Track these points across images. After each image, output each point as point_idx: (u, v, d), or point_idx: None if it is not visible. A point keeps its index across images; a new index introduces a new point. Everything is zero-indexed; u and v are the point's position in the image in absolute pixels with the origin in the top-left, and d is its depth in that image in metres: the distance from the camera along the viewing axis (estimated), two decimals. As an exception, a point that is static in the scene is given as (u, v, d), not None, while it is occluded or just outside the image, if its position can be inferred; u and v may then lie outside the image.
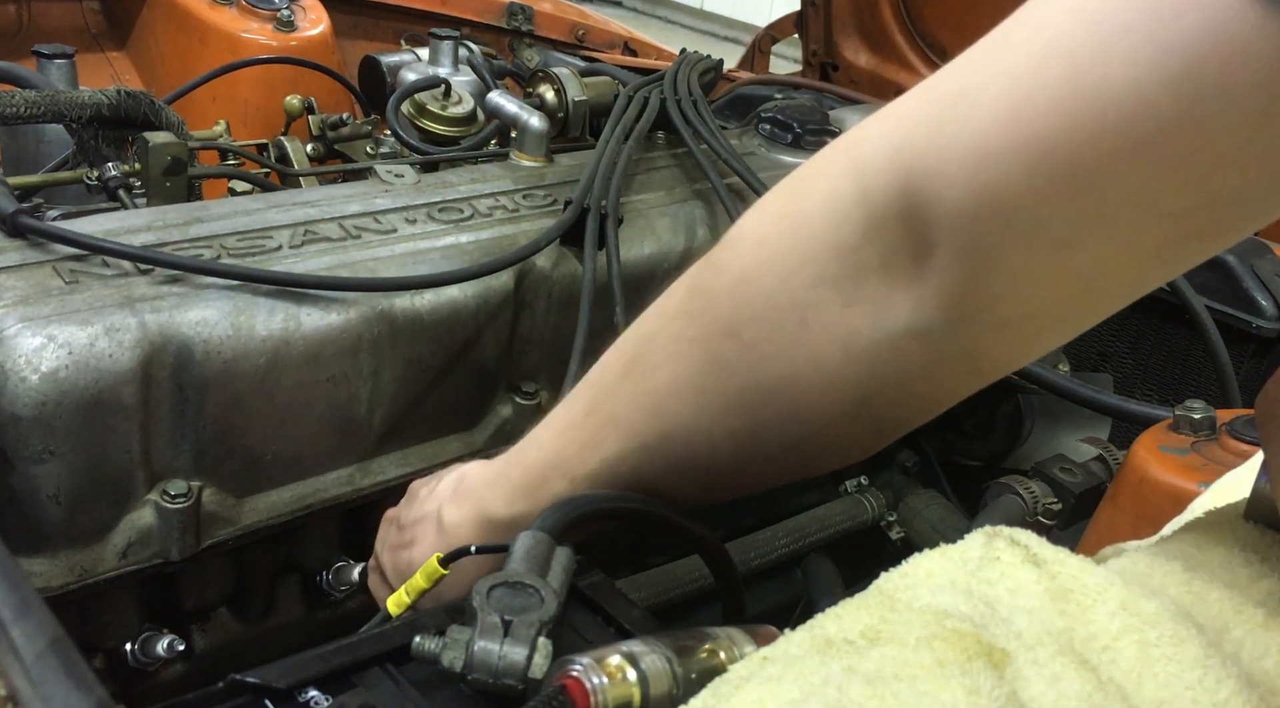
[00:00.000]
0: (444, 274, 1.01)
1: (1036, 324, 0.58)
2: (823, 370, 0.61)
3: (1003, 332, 0.58)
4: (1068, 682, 0.52)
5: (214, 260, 0.93)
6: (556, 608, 0.72)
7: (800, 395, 0.63)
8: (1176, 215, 0.49)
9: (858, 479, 1.60)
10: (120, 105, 1.15)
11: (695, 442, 0.69)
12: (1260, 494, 0.63)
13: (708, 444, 0.69)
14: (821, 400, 0.63)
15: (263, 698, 0.69)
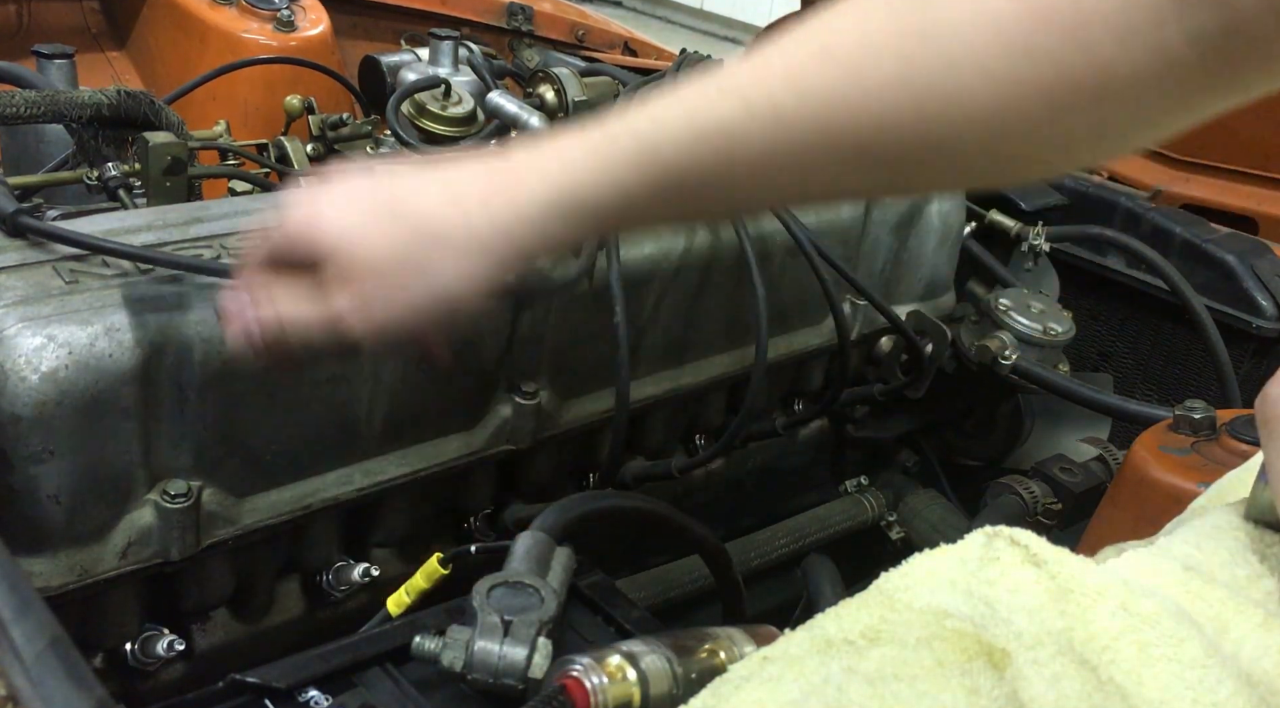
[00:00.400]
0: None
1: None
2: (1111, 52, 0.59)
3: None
4: (1068, 682, 0.52)
5: (214, 260, 0.93)
6: (556, 608, 0.72)
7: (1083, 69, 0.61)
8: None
9: (858, 479, 1.60)
10: (120, 105, 1.15)
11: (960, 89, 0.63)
12: (1260, 494, 0.63)
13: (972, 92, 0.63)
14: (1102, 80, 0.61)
15: (263, 698, 0.69)
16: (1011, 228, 1.64)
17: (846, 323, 1.32)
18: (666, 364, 1.27)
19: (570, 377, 1.17)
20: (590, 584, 0.82)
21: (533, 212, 0.69)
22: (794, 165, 0.67)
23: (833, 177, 0.68)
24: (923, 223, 1.46)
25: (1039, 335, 1.44)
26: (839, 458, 1.61)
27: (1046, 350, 1.45)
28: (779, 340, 1.36)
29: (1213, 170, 2.13)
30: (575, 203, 0.69)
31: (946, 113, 0.64)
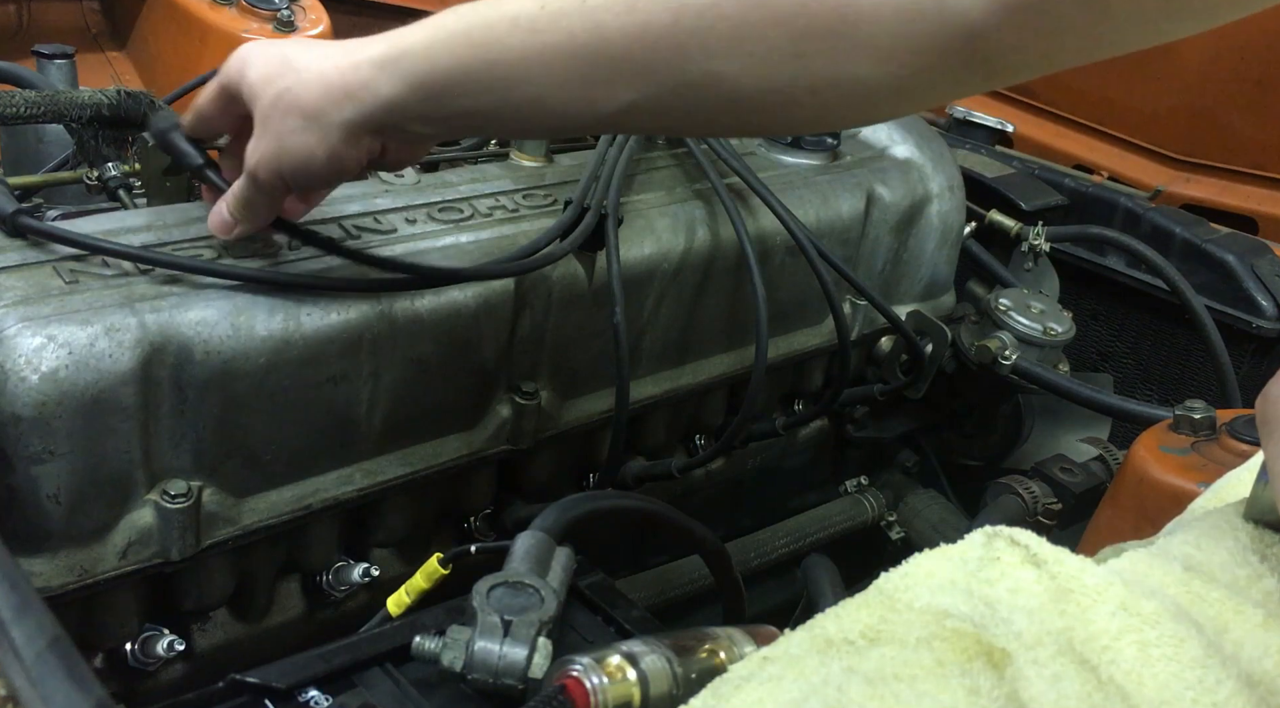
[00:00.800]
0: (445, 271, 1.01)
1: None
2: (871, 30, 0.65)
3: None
4: (1068, 682, 0.52)
5: (214, 260, 0.93)
6: (556, 608, 0.72)
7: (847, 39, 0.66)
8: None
9: (858, 479, 1.60)
10: (120, 105, 1.15)
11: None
12: (1260, 494, 0.63)
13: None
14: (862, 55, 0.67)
15: (263, 698, 0.69)
16: (1011, 228, 1.64)
17: (846, 323, 1.32)
18: (666, 364, 1.27)
19: (570, 377, 1.17)
20: (590, 584, 0.82)
21: (365, 65, 0.81)
22: (571, 64, 0.75)
23: (608, 83, 0.75)
24: (923, 223, 1.46)
25: (1039, 335, 1.44)
26: (839, 458, 1.61)
27: (1046, 350, 1.45)
28: (779, 340, 1.36)
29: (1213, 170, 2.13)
30: (399, 61, 0.80)
31: (699, 30, 0.70)
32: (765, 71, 0.70)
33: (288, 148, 0.84)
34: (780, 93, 0.71)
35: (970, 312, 1.54)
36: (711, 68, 0.71)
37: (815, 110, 0.72)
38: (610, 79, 0.75)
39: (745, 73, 0.70)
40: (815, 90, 0.70)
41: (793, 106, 0.72)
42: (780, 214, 1.24)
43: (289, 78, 0.83)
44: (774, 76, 0.70)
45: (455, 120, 0.84)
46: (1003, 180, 1.72)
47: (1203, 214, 1.73)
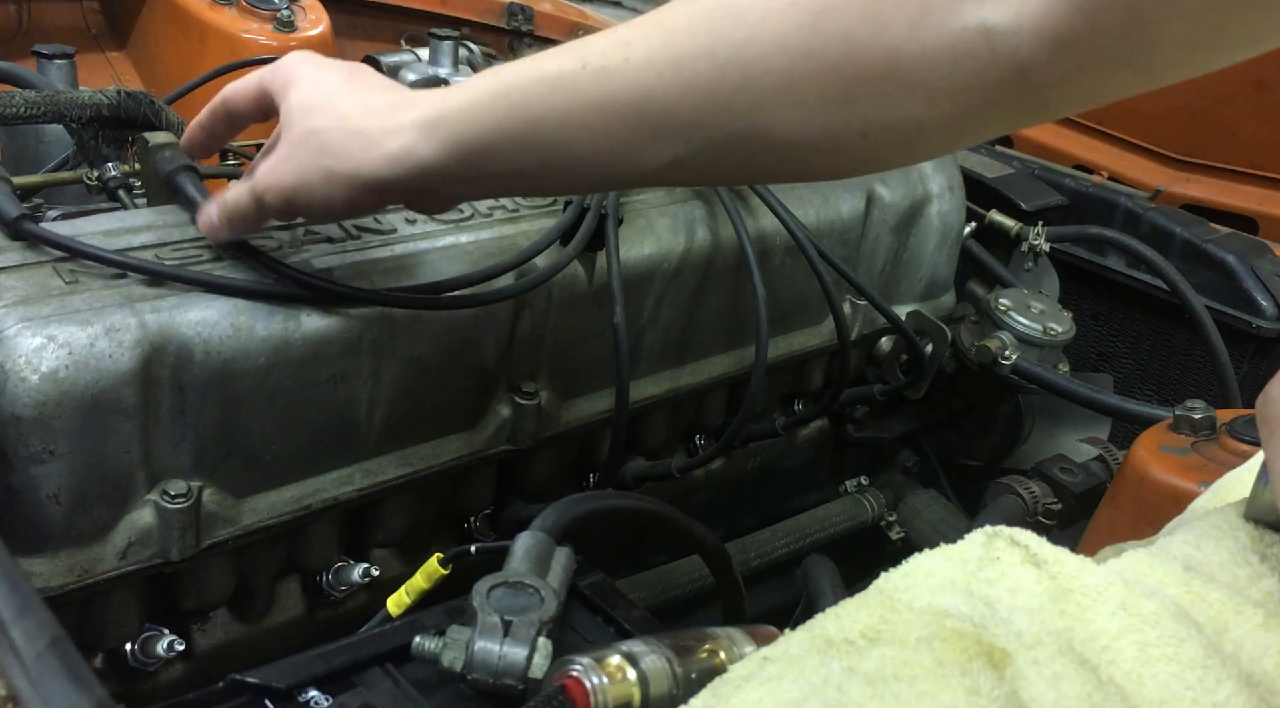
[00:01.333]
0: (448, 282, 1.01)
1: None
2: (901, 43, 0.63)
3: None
4: (1068, 682, 0.52)
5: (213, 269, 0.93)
6: (556, 608, 0.72)
7: (876, 59, 0.64)
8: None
9: (858, 479, 1.60)
10: (120, 105, 1.15)
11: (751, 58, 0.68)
12: (1260, 494, 0.63)
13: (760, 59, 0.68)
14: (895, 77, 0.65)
15: (263, 698, 0.69)
16: (1011, 228, 1.64)
17: (846, 323, 1.32)
18: (666, 364, 1.27)
19: (570, 377, 1.17)
20: (590, 584, 0.82)
21: (407, 128, 0.80)
22: (615, 123, 0.73)
23: (653, 140, 0.73)
24: (923, 223, 1.46)
25: (1039, 335, 1.44)
26: (839, 458, 1.61)
27: (1046, 350, 1.45)
28: (779, 340, 1.36)
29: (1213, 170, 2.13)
30: (438, 125, 0.79)
31: (747, 84, 0.68)
32: (815, 119, 0.68)
33: (309, 187, 0.83)
34: (832, 139, 0.69)
35: (970, 312, 1.54)
36: (760, 120, 0.69)
37: (867, 153, 0.71)
38: (655, 136, 0.73)
39: (795, 122, 0.69)
40: (867, 134, 0.68)
41: (844, 152, 0.71)
42: (780, 214, 1.24)
43: (328, 118, 0.82)
44: (825, 124, 0.68)
45: (494, 181, 0.83)
46: (1003, 180, 1.72)
47: (1203, 214, 1.73)
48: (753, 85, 0.68)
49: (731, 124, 0.70)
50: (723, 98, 0.69)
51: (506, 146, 0.78)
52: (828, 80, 0.66)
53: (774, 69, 0.67)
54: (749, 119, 0.69)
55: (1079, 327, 1.52)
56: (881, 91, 0.65)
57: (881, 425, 1.58)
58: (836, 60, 0.65)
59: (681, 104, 0.70)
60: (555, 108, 0.75)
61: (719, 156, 0.73)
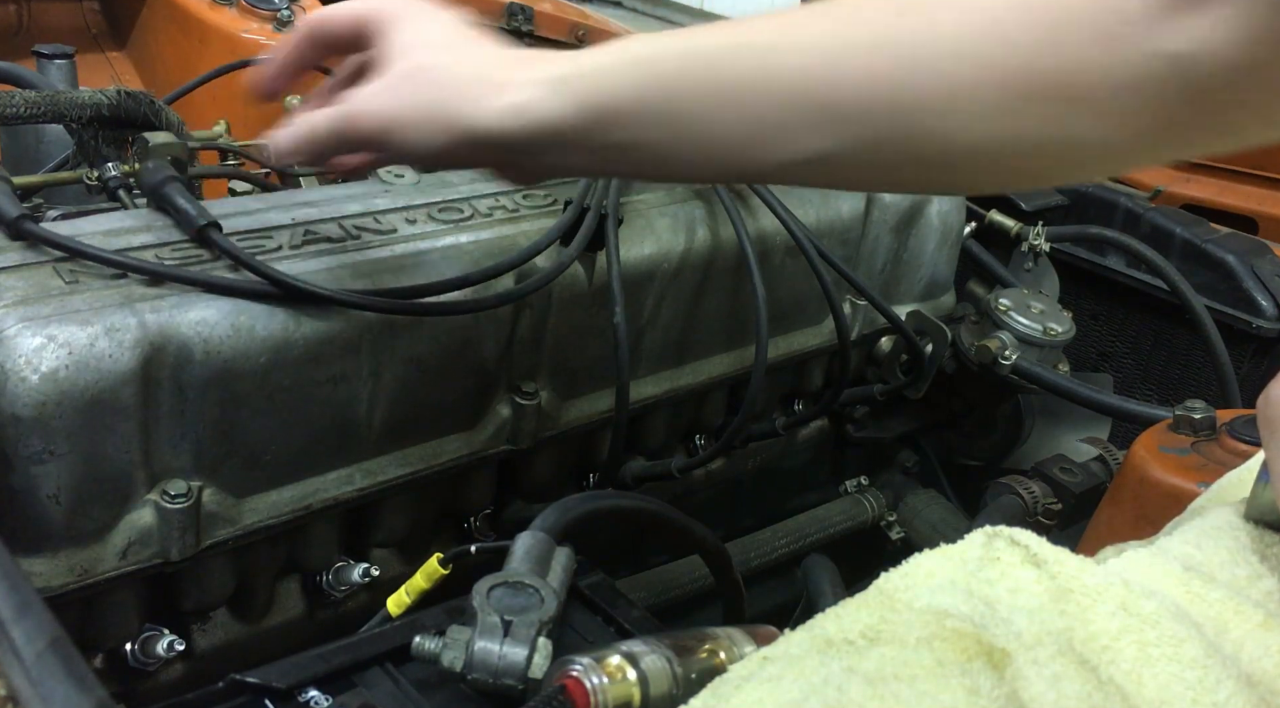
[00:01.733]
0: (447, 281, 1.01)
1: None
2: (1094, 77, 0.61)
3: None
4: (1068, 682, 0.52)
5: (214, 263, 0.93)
6: (556, 608, 0.72)
7: (1066, 85, 0.62)
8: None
9: (858, 479, 1.60)
10: (120, 105, 1.15)
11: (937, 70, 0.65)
12: (1260, 494, 0.63)
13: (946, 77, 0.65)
14: (1082, 99, 0.62)
15: (263, 698, 0.69)
16: (1011, 228, 1.64)
17: (846, 323, 1.32)
18: (666, 364, 1.27)
19: (570, 377, 1.17)
20: (590, 584, 0.82)
21: (534, 82, 0.75)
22: (768, 106, 0.69)
23: (803, 128, 0.69)
24: (923, 223, 1.46)
25: (1039, 335, 1.44)
26: (839, 458, 1.61)
27: (1046, 350, 1.45)
28: (779, 340, 1.36)
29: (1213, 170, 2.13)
30: (568, 81, 0.74)
31: (916, 82, 0.65)
32: (978, 129, 0.65)
33: (406, 124, 0.77)
34: (990, 153, 0.67)
35: (970, 312, 1.54)
36: (920, 123, 0.66)
37: (1026, 170, 0.70)
38: (807, 125, 0.69)
39: (956, 130, 0.65)
40: (1028, 151, 0.66)
41: (999, 166, 0.69)
42: (780, 214, 1.24)
43: (447, 57, 0.78)
44: (987, 135, 0.65)
45: (611, 152, 0.77)
46: (1003, 180, 1.72)
47: (1203, 214, 1.73)
48: (922, 85, 0.65)
49: (890, 123, 0.67)
50: (888, 93, 0.66)
51: (642, 116, 0.73)
52: (1001, 91, 0.64)
53: (947, 72, 0.64)
54: (909, 120, 0.66)
55: (1079, 327, 1.52)
56: (1054, 110, 0.63)
57: (881, 425, 1.58)
58: (1014, 72, 0.63)
59: (843, 94, 0.67)
60: (704, 82, 0.71)
61: (867, 157, 0.70)
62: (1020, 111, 0.64)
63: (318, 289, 0.92)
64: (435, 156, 0.80)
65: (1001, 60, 0.63)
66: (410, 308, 0.97)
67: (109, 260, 0.89)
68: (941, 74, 0.64)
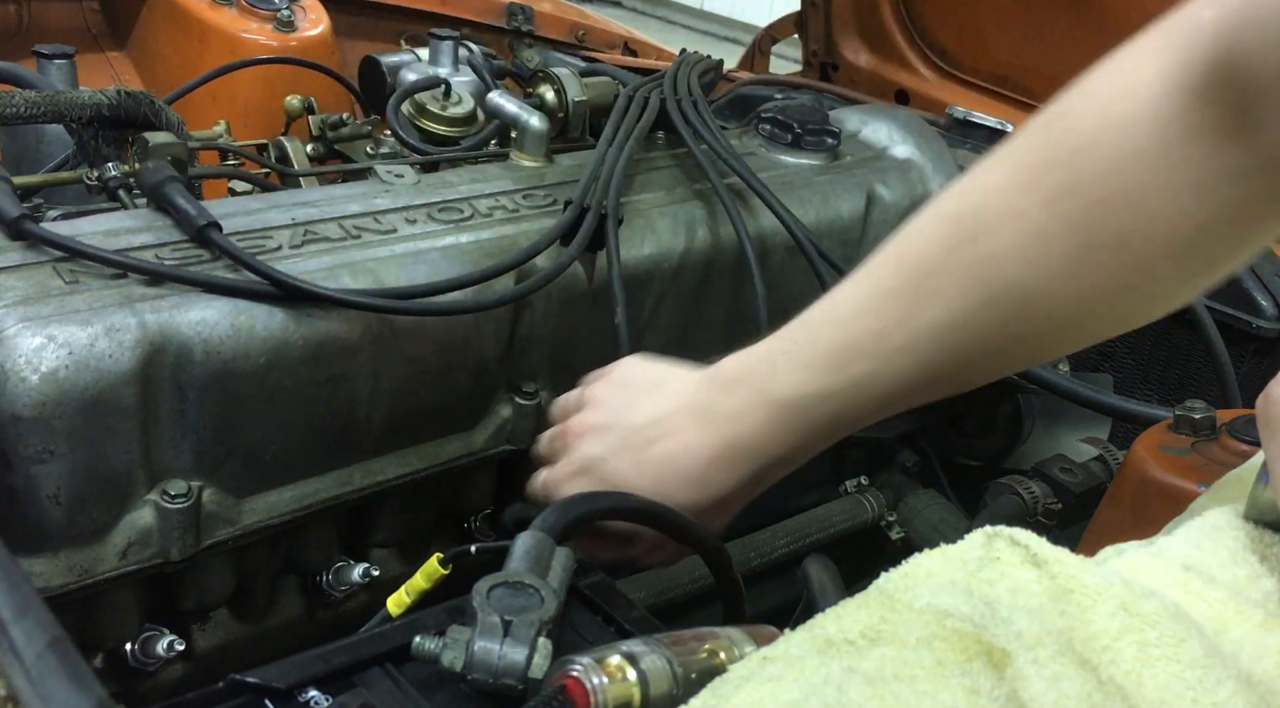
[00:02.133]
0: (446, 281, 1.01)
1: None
2: (1166, 216, 0.69)
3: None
4: (1068, 682, 0.52)
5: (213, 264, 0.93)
6: (556, 608, 0.72)
7: (1141, 244, 0.70)
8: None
9: (858, 479, 1.60)
10: (120, 105, 1.15)
11: (1028, 301, 0.75)
12: (1260, 494, 0.63)
13: (1043, 300, 0.75)
14: (1160, 247, 0.70)
15: (263, 698, 0.69)
16: (1011, 228, 1.64)
17: (846, 323, 1.32)
18: (666, 364, 1.27)
19: (570, 377, 1.16)
20: (590, 584, 0.82)
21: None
22: (909, 391, 0.81)
23: (941, 386, 0.82)
24: (923, 223, 1.46)
25: (1039, 335, 1.44)
26: (839, 458, 1.61)
27: (1046, 351, 1.45)
28: (779, 340, 1.36)
29: (1213, 170, 2.13)
30: (738, 456, 0.87)
31: (1019, 320, 0.76)
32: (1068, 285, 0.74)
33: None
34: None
35: (970, 312, 1.54)
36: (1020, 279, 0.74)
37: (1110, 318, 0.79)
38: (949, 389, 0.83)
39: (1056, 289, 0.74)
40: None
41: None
42: (780, 214, 1.24)
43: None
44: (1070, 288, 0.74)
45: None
46: (1003, 180, 1.72)
47: (1203, 214, 1.72)
48: (1023, 324, 0.76)
49: (1007, 347, 0.79)
50: (997, 339, 0.77)
51: (803, 451, 0.88)
52: (1100, 294, 0.74)
53: (1042, 309, 0.75)
54: (1020, 343, 0.78)
55: (1079, 327, 1.52)
56: (1150, 272, 0.72)
57: (881, 425, 1.57)
58: (1100, 280, 0.73)
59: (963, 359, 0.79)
60: (859, 407, 0.82)
61: (996, 369, 0.84)
62: (1120, 295, 0.74)
63: (318, 289, 0.92)
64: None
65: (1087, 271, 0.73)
66: (410, 308, 0.97)
67: (109, 260, 0.89)
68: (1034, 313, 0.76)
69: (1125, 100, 0.69)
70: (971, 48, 1.92)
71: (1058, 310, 0.75)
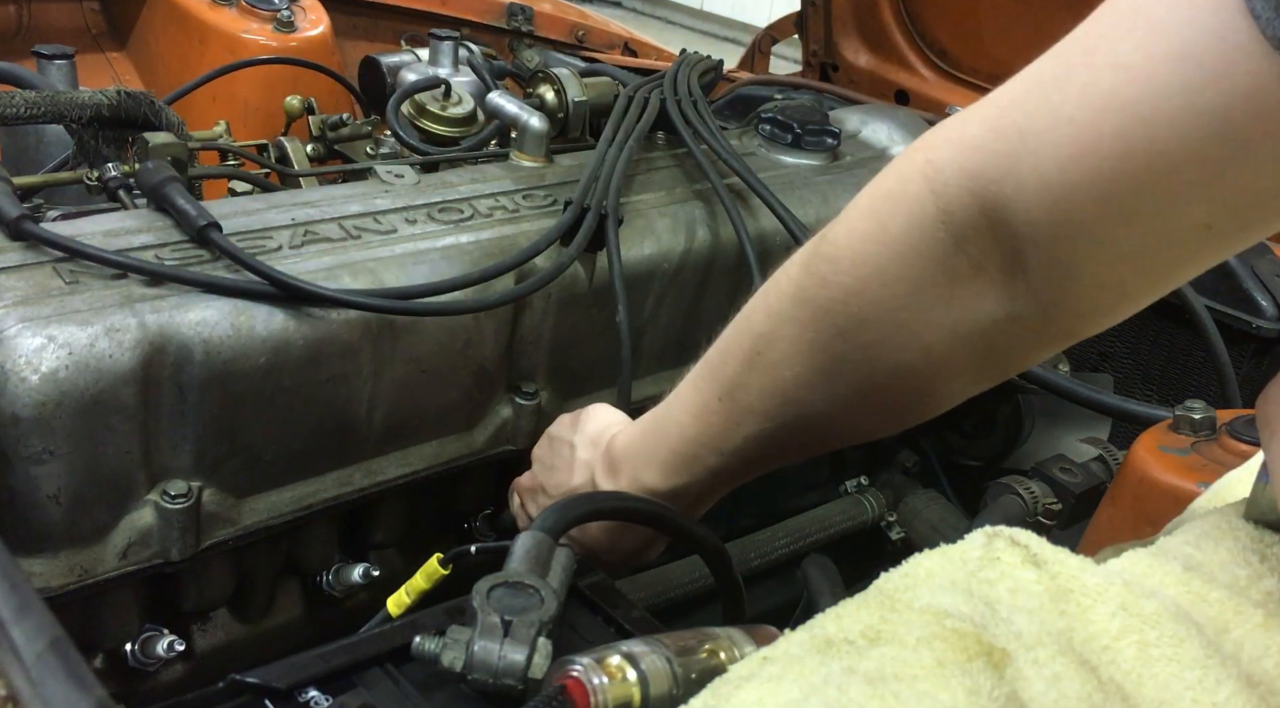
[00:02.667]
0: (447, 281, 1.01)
1: (1115, 304, 0.68)
2: (933, 356, 0.71)
3: (1087, 313, 0.68)
4: (1068, 682, 0.52)
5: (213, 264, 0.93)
6: (556, 608, 0.72)
7: (915, 377, 0.74)
8: (1215, 224, 0.59)
9: (858, 479, 1.60)
10: (120, 105, 1.15)
11: (825, 420, 0.80)
12: (1260, 494, 0.63)
13: (837, 419, 0.80)
14: (935, 377, 0.74)
15: (263, 698, 0.69)
16: (1011, 228, 1.64)
17: (846, 323, 1.32)
18: (666, 364, 1.27)
19: (570, 377, 1.17)
20: (590, 584, 0.82)
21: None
22: (763, 463, 0.86)
23: (791, 455, 0.88)
24: (923, 223, 1.46)
25: (1039, 335, 1.44)
26: (839, 458, 1.61)
27: (1046, 351, 1.45)
28: (779, 340, 1.36)
29: (1213, 170, 2.12)
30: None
31: (819, 438, 0.84)
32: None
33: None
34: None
35: (970, 312, 1.54)
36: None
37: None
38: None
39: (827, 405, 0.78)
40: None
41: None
42: (780, 214, 1.24)
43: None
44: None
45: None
46: (1003, 180, 1.71)
47: (1203, 214, 1.72)
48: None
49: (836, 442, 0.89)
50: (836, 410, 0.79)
51: (703, 498, 0.91)
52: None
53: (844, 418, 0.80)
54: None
55: (1079, 327, 1.51)
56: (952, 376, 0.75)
57: (881, 426, 1.57)
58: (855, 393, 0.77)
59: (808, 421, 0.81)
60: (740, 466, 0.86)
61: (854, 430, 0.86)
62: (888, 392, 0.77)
63: (318, 289, 0.92)
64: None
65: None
66: (410, 308, 0.97)
67: (109, 260, 0.89)
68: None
69: (878, 251, 0.70)
70: (971, 48, 1.92)
71: (848, 426, 0.82)
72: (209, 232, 0.94)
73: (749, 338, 0.80)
